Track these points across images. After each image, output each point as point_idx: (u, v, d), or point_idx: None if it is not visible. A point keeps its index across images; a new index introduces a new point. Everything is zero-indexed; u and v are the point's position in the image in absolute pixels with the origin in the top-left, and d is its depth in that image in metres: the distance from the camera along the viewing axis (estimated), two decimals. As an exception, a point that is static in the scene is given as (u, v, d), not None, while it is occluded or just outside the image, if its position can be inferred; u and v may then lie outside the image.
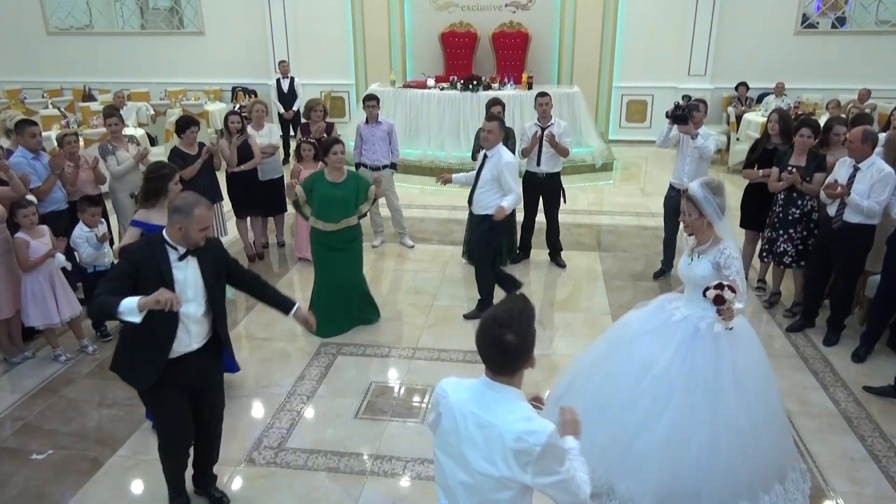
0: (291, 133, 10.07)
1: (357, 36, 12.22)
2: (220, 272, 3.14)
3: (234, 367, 4.44)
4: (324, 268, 5.26)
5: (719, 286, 3.00)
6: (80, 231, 5.01)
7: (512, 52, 11.58)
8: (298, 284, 6.34)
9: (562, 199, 6.46)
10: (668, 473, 3.12)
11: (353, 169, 6.18)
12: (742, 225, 5.92)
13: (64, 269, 4.90)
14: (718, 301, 2.99)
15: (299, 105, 10.69)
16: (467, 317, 5.49)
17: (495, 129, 5.04)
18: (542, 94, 6.24)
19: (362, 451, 3.89)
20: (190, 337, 3.06)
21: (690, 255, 3.32)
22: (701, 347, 3.17)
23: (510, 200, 5.04)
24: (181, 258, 2.96)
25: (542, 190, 6.40)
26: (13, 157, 5.29)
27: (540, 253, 6.75)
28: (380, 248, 7.15)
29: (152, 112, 10.70)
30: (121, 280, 2.81)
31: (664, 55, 11.54)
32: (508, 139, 6.24)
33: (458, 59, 11.77)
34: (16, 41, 13.28)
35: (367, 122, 6.80)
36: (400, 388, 4.55)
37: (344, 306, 5.25)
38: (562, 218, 6.93)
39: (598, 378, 3.44)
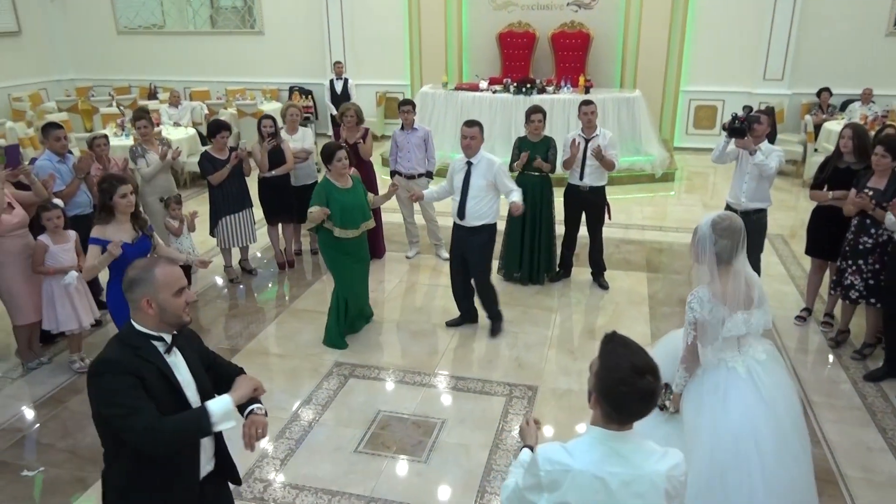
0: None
1: (413, 36, 11.96)
2: (202, 367, 2.37)
3: None
4: (344, 276, 5.08)
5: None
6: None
7: (572, 53, 11.05)
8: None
9: (606, 216, 5.98)
10: None
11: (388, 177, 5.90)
12: (808, 252, 5.31)
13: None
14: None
15: (351, 106, 10.54)
16: (450, 324, 5.38)
17: (477, 134, 4.91)
18: (587, 103, 5.77)
19: (355, 492, 3.59)
20: (205, 456, 2.34)
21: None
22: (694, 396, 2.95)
23: (518, 196, 4.94)
24: (168, 350, 2.22)
25: (585, 205, 5.93)
26: (39, 159, 5.28)
27: (582, 272, 6.29)
28: (414, 260, 6.85)
29: (207, 111, 10.77)
30: (144, 398, 2.07)
31: (737, 57, 10.74)
32: (549, 149, 5.84)
33: (516, 60, 11.34)
34: (88, 40, 13.71)
35: (402, 128, 6.51)
36: (408, 420, 4.22)
37: (355, 313, 5.24)
38: (610, 233, 6.50)
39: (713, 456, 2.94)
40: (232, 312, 5.74)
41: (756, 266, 5.34)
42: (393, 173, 6.65)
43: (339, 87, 10.47)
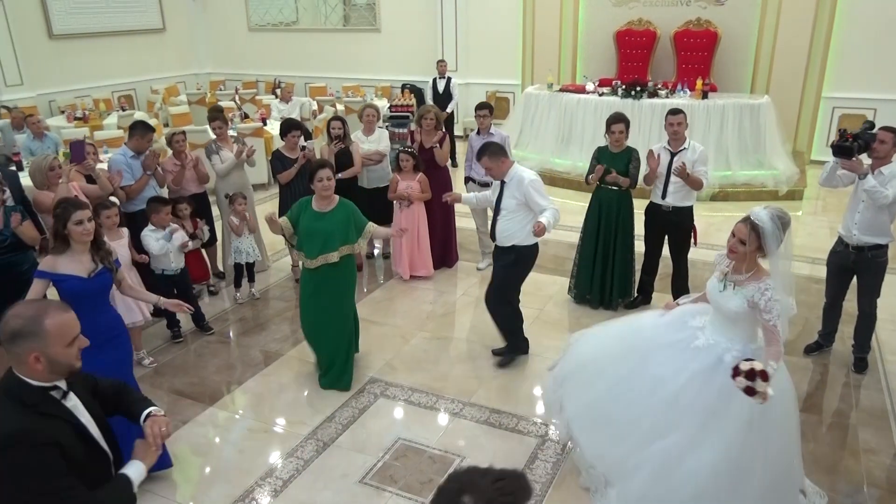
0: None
1: (526, 34, 11.51)
2: (91, 397, 2.19)
3: (165, 462, 3.70)
4: (301, 308, 4.61)
5: (751, 374, 2.63)
6: (148, 230, 5.02)
7: (696, 53, 10.10)
8: (384, 303, 5.93)
9: (692, 240, 5.29)
10: (657, 495, 3.02)
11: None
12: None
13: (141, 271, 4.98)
14: (749, 392, 2.66)
15: (453, 107, 10.33)
16: (496, 353, 4.92)
17: (486, 163, 4.45)
18: (674, 112, 5.10)
19: (344, 530, 3.35)
20: None
21: (723, 280, 3.07)
22: (719, 382, 2.93)
23: (549, 216, 4.30)
24: (65, 395, 2.03)
25: (668, 227, 5.29)
26: (113, 155, 5.49)
27: (664, 299, 5.62)
28: (486, 272, 6.47)
29: (315, 107, 10.98)
30: (67, 473, 1.93)
31: (894, 60, 9.30)
32: (630, 162, 5.26)
33: (633, 60, 10.57)
34: (223, 37, 14.55)
35: (478, 132, 6.16)
36: (425, 453, 3.90)
37: (332, 354, 4.55)
38: (708, 256, 5.76)
39: (607, 379, 3.34)
40: (285, 315, 5.69)
41: (870, 311, 4.51)
42: (467, 179, 6.33)
43: (441, 86, 10.26)
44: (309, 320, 4.54)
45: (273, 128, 9.31)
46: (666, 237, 5.37)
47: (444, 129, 6.39)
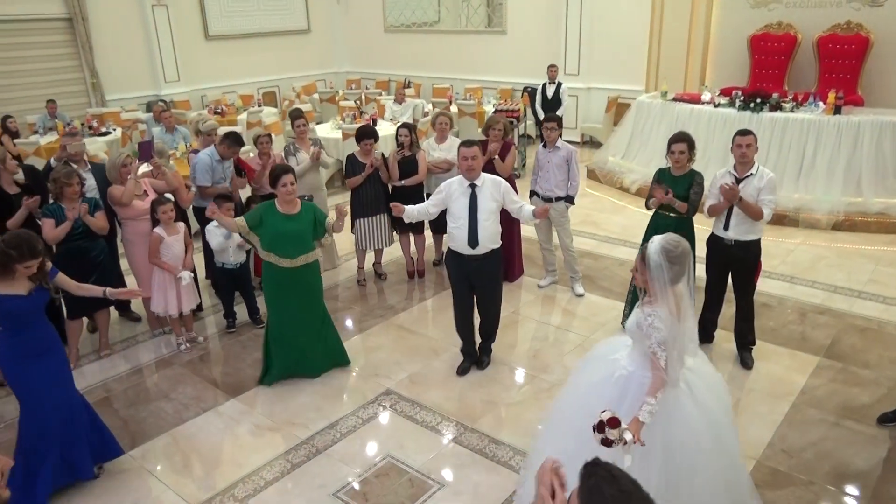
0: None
1: (653, 37, 10.84)
2: None
3: (116, 451, 3.93)
4: (273, 312, 4.69)
5: (600, 426, 2.55)
6: (212, 226, 5.37)
7: (842, 61, 8.94)
8: (430, 313, 5.92)
9: (756, 279, 4.72)
10: None
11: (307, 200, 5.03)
12: None
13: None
14: (605, 444, 2.56)
15: (562, 113, 10.00)
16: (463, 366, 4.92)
17: (478, 153, 4.48)
18: (744, 133, 4.55)
19: (299, 541, 3.40)
20: None
21: (640, 305, 3.02)
22: (626, 409, 2.84)
23: (529, 206, 4.67)
24: None
25: (730, 261, 4.74)
26: (200, 153, 5.95)
27: (729, 338, 5.07)
28: (546, 290, 6.24)
29: (429, 108, 11.14)
30: None
31: None
32: (691, 186, 4.79)
33: (768, 67, 9.58)
34: (362, 37, 15.20)
35: (544, 145, 5.92)
36: (406, 475, 3.84)
37: (299, 352, 4.70)
38: (808, 296, 5.59)
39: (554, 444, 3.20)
40: (334, 315, 5.80)
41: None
42: (532, 193, 6.11)
43: (550, 91, 9.97)
44: (279, 322, 4.65)
45: (383, 129, 9.56)
46: (729, 273, 4.83)
47: (511, 140, 6.20)
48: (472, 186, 4.47)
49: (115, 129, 10.14)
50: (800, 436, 4.08)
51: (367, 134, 6.18)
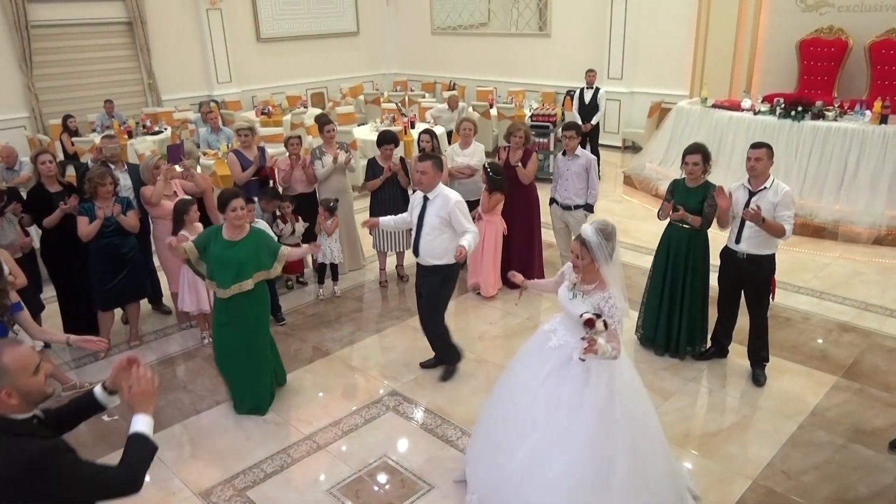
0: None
1: (699, 41, 10.61)
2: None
3: None
4: (215, 339, 4.55)
5: (590, 322, 3.00)
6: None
7: (895, 68, 8.58)
8: (447, 317, 5.98)
9: (771, 295, 4.61)
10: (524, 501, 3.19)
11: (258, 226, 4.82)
12: None
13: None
14: (588, 324, 3.00)
15: (599, 118, 9.91)
16: (425, 365, 5.05)
17: (429, 169, 4.47)
18: (756, 146, 4.46)
19: (288, 533, 3.54)
20: None
21: (572, 290, 3.33)
22: (571, 376, 3.21)
23: (469, 239, 4.44)
24: (41, 422, 2.18)
25: (743, 276, 4.66)
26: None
27: (743, 351, 4.96)
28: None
29: (469, 112, 11.20)
30: (90, 463, 2.11)
31: None
32: (705, 199, 4.73)
33: (817, 74, 9.28)
34: (410, 39, 15.40)
35: (564, 153, 5.92)
36: (400, 476, 3.95)
37: (246, 379, 4.50)
38: (835, 312, 5.52)
39: (494, 414, 3.58)
40: (352, 315, 6.02)
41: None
42: (552, 201, 6.12)
43: (588, 96, 9.88)
44: (224, 352, 4.45)
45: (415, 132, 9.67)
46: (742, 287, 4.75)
47: (533, 146, 6.23)
48: (425, 199, 4.57)
49: (166, 129, 10.62)
50: (803, 457, 3.98)
51: (386, 139, 6.32)
